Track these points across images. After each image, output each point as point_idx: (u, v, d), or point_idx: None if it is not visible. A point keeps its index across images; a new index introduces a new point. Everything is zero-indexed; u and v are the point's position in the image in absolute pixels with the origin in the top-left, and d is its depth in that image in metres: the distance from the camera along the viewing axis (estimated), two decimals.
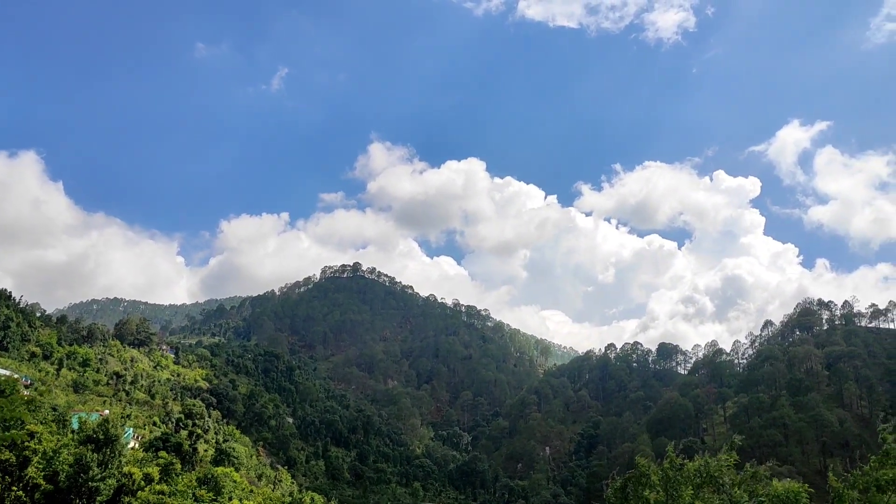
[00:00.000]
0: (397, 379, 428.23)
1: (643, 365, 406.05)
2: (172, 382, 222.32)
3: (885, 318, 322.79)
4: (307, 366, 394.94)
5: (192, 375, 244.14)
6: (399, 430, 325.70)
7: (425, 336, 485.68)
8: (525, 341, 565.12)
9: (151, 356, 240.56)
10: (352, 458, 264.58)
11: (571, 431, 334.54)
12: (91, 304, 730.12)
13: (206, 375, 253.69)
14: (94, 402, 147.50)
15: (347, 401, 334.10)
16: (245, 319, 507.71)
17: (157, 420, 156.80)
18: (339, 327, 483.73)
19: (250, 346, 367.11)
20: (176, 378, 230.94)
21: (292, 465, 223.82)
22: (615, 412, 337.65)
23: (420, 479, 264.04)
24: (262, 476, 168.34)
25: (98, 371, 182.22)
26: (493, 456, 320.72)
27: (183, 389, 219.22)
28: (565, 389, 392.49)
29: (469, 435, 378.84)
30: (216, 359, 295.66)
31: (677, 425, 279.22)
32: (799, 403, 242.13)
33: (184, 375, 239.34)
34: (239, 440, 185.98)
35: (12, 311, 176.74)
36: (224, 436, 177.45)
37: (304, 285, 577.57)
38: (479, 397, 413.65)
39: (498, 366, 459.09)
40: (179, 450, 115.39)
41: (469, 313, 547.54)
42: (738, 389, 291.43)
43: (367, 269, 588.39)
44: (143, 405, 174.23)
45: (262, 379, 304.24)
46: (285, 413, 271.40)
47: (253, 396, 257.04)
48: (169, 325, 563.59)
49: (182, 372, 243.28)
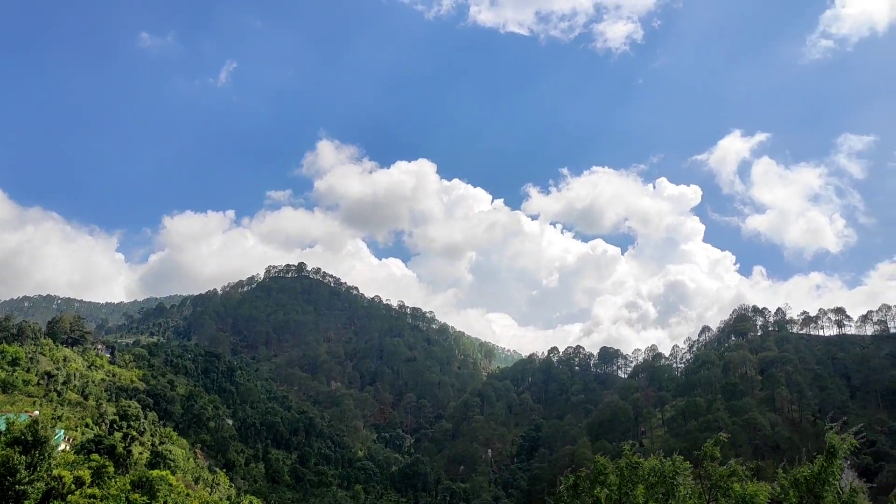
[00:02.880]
0: (341, 380, 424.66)
1: (585, 368, 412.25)
2: (107, 383, 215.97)
3: (815, 326, 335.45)
4: (249, 367, 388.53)
5: (128, 376, 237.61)
6: (341, 432, 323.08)
7: (370, 337, 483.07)
8: (469, 344, 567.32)
9: (86, 355, 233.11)
10: (293, 460, 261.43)
11: (514, 434, 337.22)
12: (23, 301, 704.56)
13: (144, 376, 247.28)
14: (23, 403, 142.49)
15: (289, 402, 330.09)
16: (185, 319, 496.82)
17: (89, 421, 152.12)
18: (282, 328, 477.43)
19: (190, 346, 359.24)
20: (111, 378, 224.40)
21: (231, 467, 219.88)
22: (557, 415, 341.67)
23: (362, 482, 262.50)
24: (200, 479, 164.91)
25: (28, 371, 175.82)
26: (436, 458, 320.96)
27: (118, 390, 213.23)
28: (508, 392, 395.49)
29: (412, 437, 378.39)
30: (154, 359, 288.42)
31: (617, 428, 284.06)
32: (733, 407, 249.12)
33: (119, 376, 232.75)
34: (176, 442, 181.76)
35: None
36: (160, 438, 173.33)
37: (248, 285, 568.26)
38: (423, 399, 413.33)
39: (442, 368, 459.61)
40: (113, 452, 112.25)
41: (414, 315, 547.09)
42: (676, 393, 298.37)
43: (312, 269, 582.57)
44: (76, 406, 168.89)
45: (201, 380, 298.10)
46: (225, 415, 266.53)
47: (192, 397, 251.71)
48: (105, 323, 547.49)
49: (118, 372, 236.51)
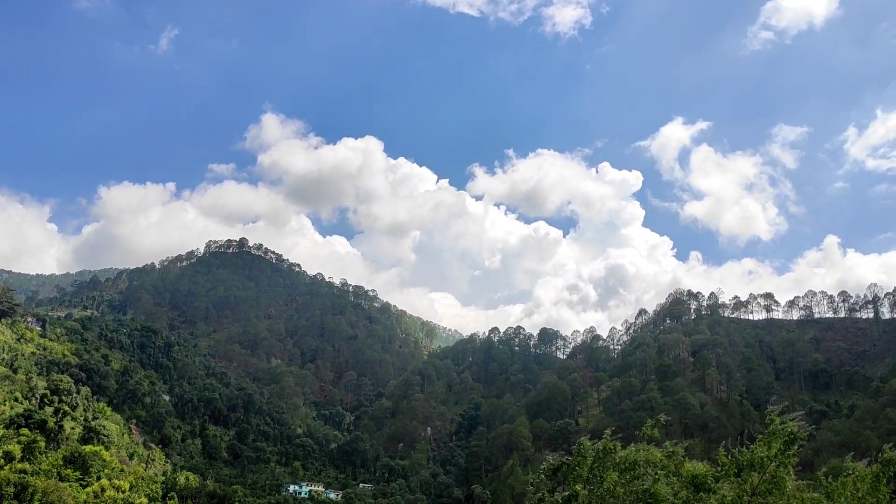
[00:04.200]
0: (281, 357, 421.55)
1: (525, 349, 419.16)
2: (38, 356, 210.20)
3: (745, 310, 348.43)
4: (187, 342, 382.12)
5: (60, 349, 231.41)
6: (281, 409, 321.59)
7: (311, 315, 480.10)
8: (411, 323, 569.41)
9: (14, 328, 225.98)
10: (230, 436, 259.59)
11: (453, 412, 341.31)
12: None
13: (76, 350, 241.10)
14: None
15: (228, 379, 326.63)
16: (121, 293, 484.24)
17: (19, 396, 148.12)
18: (222, 304, 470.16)
19: (126, 321, 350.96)
20: (42, 352, 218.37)
21: (167, 443, 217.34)
22: (496, 394, 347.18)
23: (300, 459, 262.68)
24: (135, 455, 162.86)
25: None
26: (375, 436, 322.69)
27: (49, 364, 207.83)
28: (449, 371, 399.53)
29: (352, 415, 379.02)
30: (88, 333, 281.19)
31: (555, 407, 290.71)
32: (666, 388, 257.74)
33: (51, 349, 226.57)
34: (110, 418, 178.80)
35: None
36: (94, 413, 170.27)
37: (187, 259, 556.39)
38: (363, 377, 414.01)
39: (383, 346, 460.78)
40: (44, 427, 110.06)
41: (357, 293, 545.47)
42: (612, 374, 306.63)
43: (254, 245, 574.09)
44: (4, 380, 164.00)
45: (137, 355, 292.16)
46: (161, 390, 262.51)
47: (127, 373, 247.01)
48: (36, 296, 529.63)
49: (49, 346, 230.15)
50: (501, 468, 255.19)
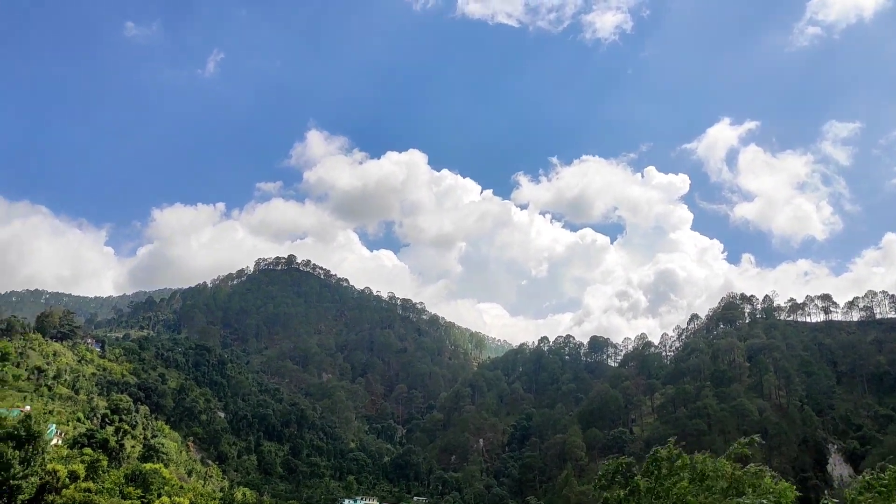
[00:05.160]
0: (332, 372, 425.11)
1: (575, 357, 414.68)
2: (98, 377, 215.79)
3: (802, 312, 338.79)
4: (240, 359, 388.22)
5: (118, 370, 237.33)
6: (333, 423, 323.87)
7: (360, 329, 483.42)
8: (460, 334, 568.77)
9: (76, 350, 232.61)
10: (285, 452, 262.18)
11: (505, 423, 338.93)
12: (10, 295, 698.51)
13: (134, 369, 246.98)
14: (13, 398, 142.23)
15: (281, 394, 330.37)
16: (175, 312, 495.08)
17: (81, 416, 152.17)
18: (272, 320, 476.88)
19: (181, 340, 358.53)
20: (102, 372, 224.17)
21: (224, 460, 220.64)
22: (547, 404, 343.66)
23: (354, 473, 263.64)
24: (193, 472, 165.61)
25: (18, 366, 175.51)
26: (428, 448, 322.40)
27: (109, 384, 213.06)
28: (499, 382, 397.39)
29: (403, 428, 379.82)
30: (144, 352, 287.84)
31: (607, 416, 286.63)
32: (722, 394, 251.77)
33: (110, 370, 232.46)
34: (168, 436, 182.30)
35: None
36: (153, 431, 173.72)
37: (238, 277, 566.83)
38: (414, 390, 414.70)
39: (433, 359, 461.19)
40: (106, 446, 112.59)
41: (405, 306, 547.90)
42: (666, 381, 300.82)
43: (302, 261, 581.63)
44: (67, 401, 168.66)
45: (192, 373, 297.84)
46: (217, 407, 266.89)
47: (183, 391, 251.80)
48: (95, 317, 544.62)
49: (108, 366, 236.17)
50: (556, 479, 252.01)
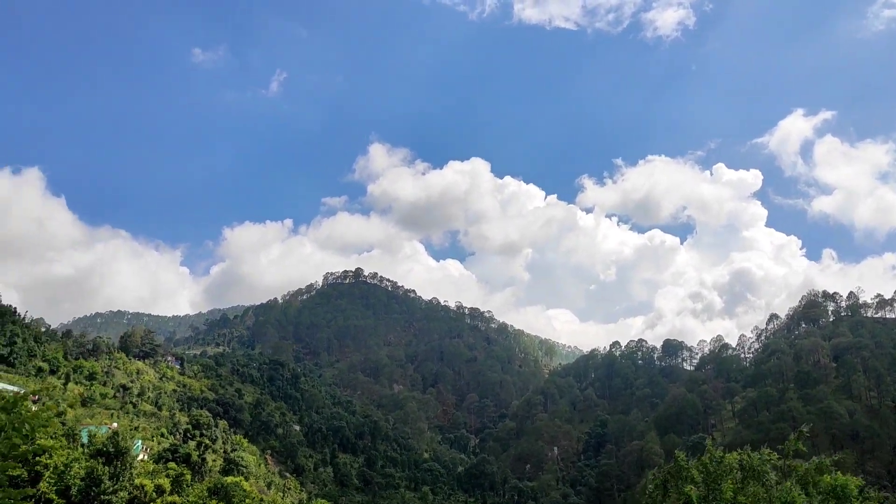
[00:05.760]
0: (403, 383, 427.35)
1: (649, 362, 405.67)
2: (178, 393, 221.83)
3: (891, 308, 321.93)
4: (312, 373, 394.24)
5: (197, 386, 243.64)
6: (406, 434, 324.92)
7: (429, 340, 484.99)
8: (529, 342, 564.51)
9: (157, 368, 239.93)
10: (360, 463, 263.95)
11: (579, 431, 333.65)
12: (95, 317, 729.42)
13: (212, 385, 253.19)
14: (101, 416, 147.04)
15: (354, 407, 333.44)
16: (249, 328, 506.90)
17: (164, 431, 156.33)
18: (342, 333, 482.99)
19: (255, 355, 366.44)
20: (182, 389, 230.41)
21: (301, 472, 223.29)
22: (622, 410, 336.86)
23: (429, 483, 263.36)
24: (272, 484, 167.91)
25: (105, 384, 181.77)
26: (501, 458, 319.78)
27: (189, 400, 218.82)
28: (571, 389, 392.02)
29: (476, 437, 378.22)
30: (221, 368, 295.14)
31: (685, 421, 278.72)
32: (807, 396, 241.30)
33: (190, 386, 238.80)
34: (247, 449, 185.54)
35: (18, 327, 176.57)
36: (232, 445, 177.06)
37: (307, 292, 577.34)
38: (485, 399, 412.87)
39: (503, 367, 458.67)
40: (189, 460, 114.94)
41: (473, 315, 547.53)
42: (746, 384, 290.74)
43: (369, 273, 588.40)
44: (151, 417, 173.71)
45: (267, 387, 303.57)
46: (292, 421, 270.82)
47: (259, 405, 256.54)
48: (173, 335, 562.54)
49: (188, 382, 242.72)
50: (634, 487, 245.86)
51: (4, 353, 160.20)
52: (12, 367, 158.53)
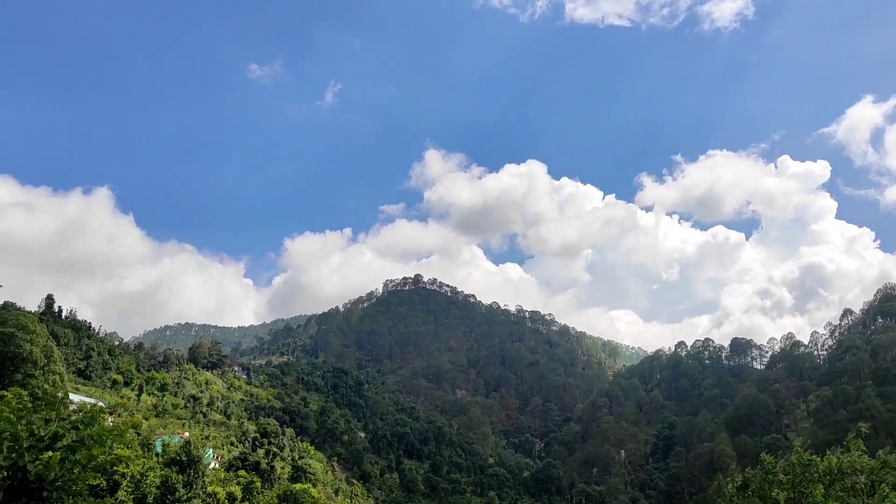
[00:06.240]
0: (465, 388, 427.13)
1: (716, 362, 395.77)
2: (246, 402, 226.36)
3: None
4: (375, 380, 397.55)
5: (264, 395, 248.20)
6: (470, 439, 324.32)
7: (491, 344, 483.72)
8: (592, 344, 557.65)
9: (224, 378, 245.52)
10: (425, 469, 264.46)
11: (646, 433, 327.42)
12: (164, 330, 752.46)
13: (278, 394, 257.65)
14: (174, 426, 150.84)
15: (417, 413, 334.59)
16: (312, 337, 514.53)
17: (234, 440, 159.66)
18: (403, 340, 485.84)
19: (318, 364, 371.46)
20: (249, 398, 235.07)
21: (367, 479, 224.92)
22: (690, 411, 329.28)
23: (495, 488, 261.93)
24: (339, 491, 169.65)
25: (175, 395, 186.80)
26: (567, 462, 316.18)
27: (257, 409, 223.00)
28: (637, 391, 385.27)
29: (541, 441, 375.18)
30: (286, 377, 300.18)
31: (757, 422, 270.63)
32: (886, 394, 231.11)
33: (256, 395, 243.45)
34: (314, 456, 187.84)
35: (93, 342, 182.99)
36: (299, 453, 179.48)
37: (367, 300, 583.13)
38: (549, 403, 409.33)
39: (566, 370, 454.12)
40: (258, 468, 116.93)
41: (534, 319, 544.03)
42: (820, 382, 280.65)
43: (429, 279, 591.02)
44: (220, 426, 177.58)
45: (331, 395, 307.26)
46: (357, 428, 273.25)
47: (324, 413, 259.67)
48: (239, 346, 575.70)
49: (254, 392, 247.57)
50: (706, 490, 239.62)
51: (81, 366, 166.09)
52: (89, 380, 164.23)
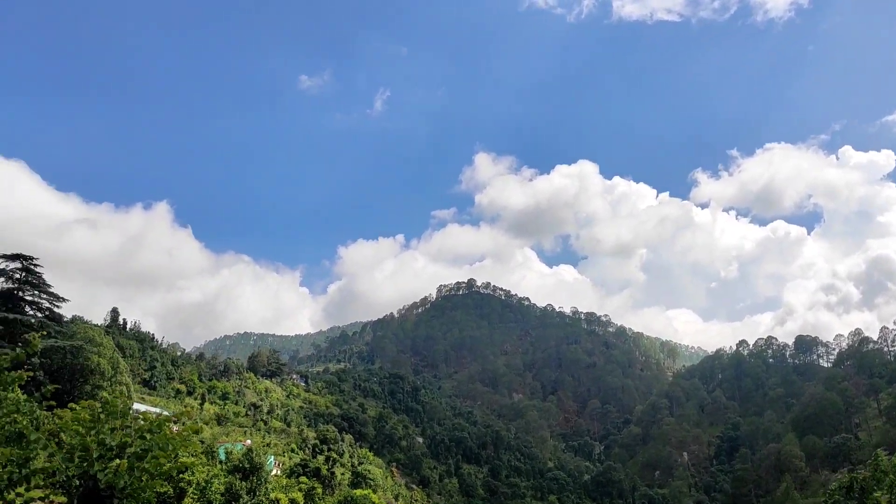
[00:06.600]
0: (522, 392, 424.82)
1: (780, 360, 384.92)
2: (305, 410, 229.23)
3: None
4: (431, 385, 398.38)
5: (322, 402, 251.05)
6: (528, 443, 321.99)
7: (546, 347, 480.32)
8: (650, 344, 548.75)
9: (283, 386, 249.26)
10: (484, 474, 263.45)
11: (709, 435, 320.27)
12: (224, 339, 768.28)
13: (336, 401, 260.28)
14: (236, 434, 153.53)
15: (474, 417, 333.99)
16: (367, 344, 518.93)
17: (294, 447, 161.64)
18: (459, 345, 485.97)
19: (375, 370, 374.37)
20: (308, 405, 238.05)
21: (426, 484, 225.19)
22: (754, 412, 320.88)
23: (555, 492, 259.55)
24: (399, 496, 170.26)
25: (237, 403, 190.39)
26: (628, 465, 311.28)
27: (315, 416, 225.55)
28: (698, 391, 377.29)
29: (601, 444, 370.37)
30: (343, 384, 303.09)
31: (826, 422, 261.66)
32: None
33: (315, 402, 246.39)
34: (373, 462, 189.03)
35: (157, 352, 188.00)
36: (359, 459, 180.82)
37: (422, 306, 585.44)
38: (608, 405, 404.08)
39: (624, 371, 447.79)
40: (319, 474, 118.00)
41: (589, 320, 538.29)
42: (892, 380, 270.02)
43: (482, 283, 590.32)
44: (280, 433, 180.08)
45: (388, 401, 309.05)
46: (415, 433, 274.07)
47: (382, 418, 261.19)
48: (297, 354, 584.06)
49: (313, 399, 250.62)
50: (774, 492, 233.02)
51: (146, 377, 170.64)
52: (153, 390, 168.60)
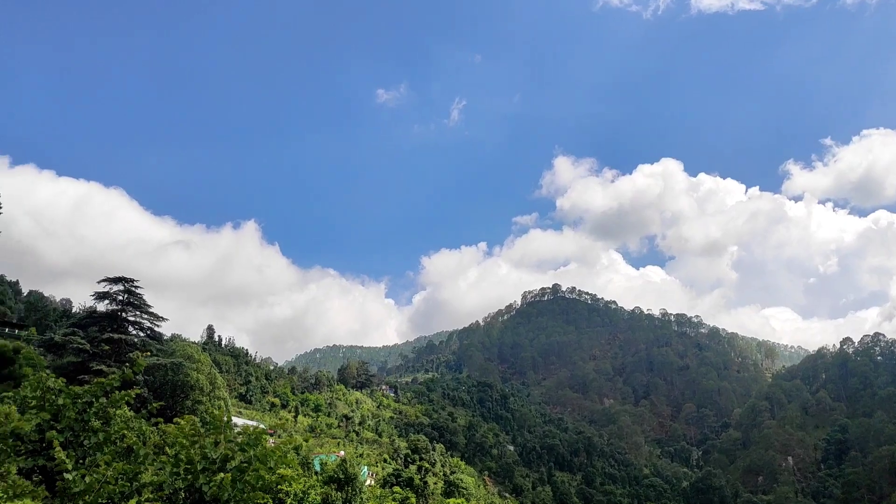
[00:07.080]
0: (613, 397, 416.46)
1: (890, 358, 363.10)
2: (396, 420, 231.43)
3: None
4: (520, 392, 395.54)
5: (412, 412, 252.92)
6: (622, 449, 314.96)
7: (636, 350, 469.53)
8: (745, 345, 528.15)
9: (373, 396, 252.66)
10: (577, 481, 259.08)
11: (814, 438, 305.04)
12: (314, 353, 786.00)
13: (426, 410, 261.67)
14: (329, 445, 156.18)
15: (565, 424, 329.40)
16: (454, 353, 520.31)
17: (386, 457, 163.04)
18: (546, 351, 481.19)
19: (463, 379, 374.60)
20: (398, 415, 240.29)
21: (519, 492, 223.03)
22: (864, 412, 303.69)
23: (652, 500, 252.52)
24: None
25: (329, 415, 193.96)
26: (729, 470, 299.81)
27: (406, 426, 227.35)
28: (800, 392, 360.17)
29: (698, 449, 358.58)
30: (432, 394, 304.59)
31: None
32: None
33: (405, 412, 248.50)
34: (465, 471, 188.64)
35: (251, 367, 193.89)
36: (450, 468, 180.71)
37: (507, 313, 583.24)
38: (704, 409, 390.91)
39: (719, 373, 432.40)
40: (411, 484, 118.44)
41: (679, 322, 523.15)
42: None
43: (567, 288, 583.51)
44: (372, 444, 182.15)
45: (478, 409, 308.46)
46: (505, 441, 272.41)
47: (472, 427, 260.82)
48: (385, 365, 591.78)
49: (403, 409, 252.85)
50: (889, 497, 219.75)
51: (242, 391, 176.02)
52: (249, 404, 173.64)
